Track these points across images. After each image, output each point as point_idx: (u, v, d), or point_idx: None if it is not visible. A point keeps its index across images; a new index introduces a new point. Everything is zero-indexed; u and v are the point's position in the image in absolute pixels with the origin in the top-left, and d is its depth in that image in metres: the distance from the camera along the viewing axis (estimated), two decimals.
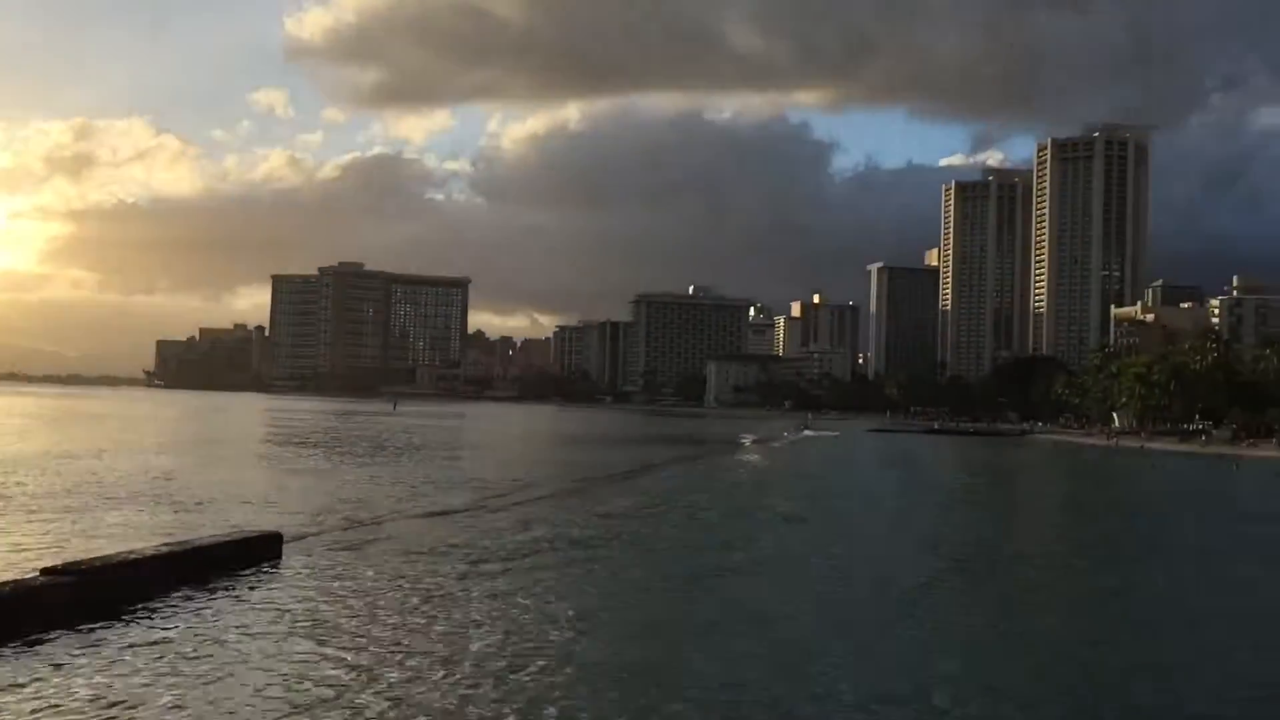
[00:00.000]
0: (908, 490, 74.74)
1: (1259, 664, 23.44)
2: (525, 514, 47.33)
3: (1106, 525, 56.66)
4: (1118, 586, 34.20)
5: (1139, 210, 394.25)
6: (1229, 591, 34.06)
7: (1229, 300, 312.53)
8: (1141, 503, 73.64)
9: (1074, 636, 26.33)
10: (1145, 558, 42.31)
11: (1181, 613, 30.21)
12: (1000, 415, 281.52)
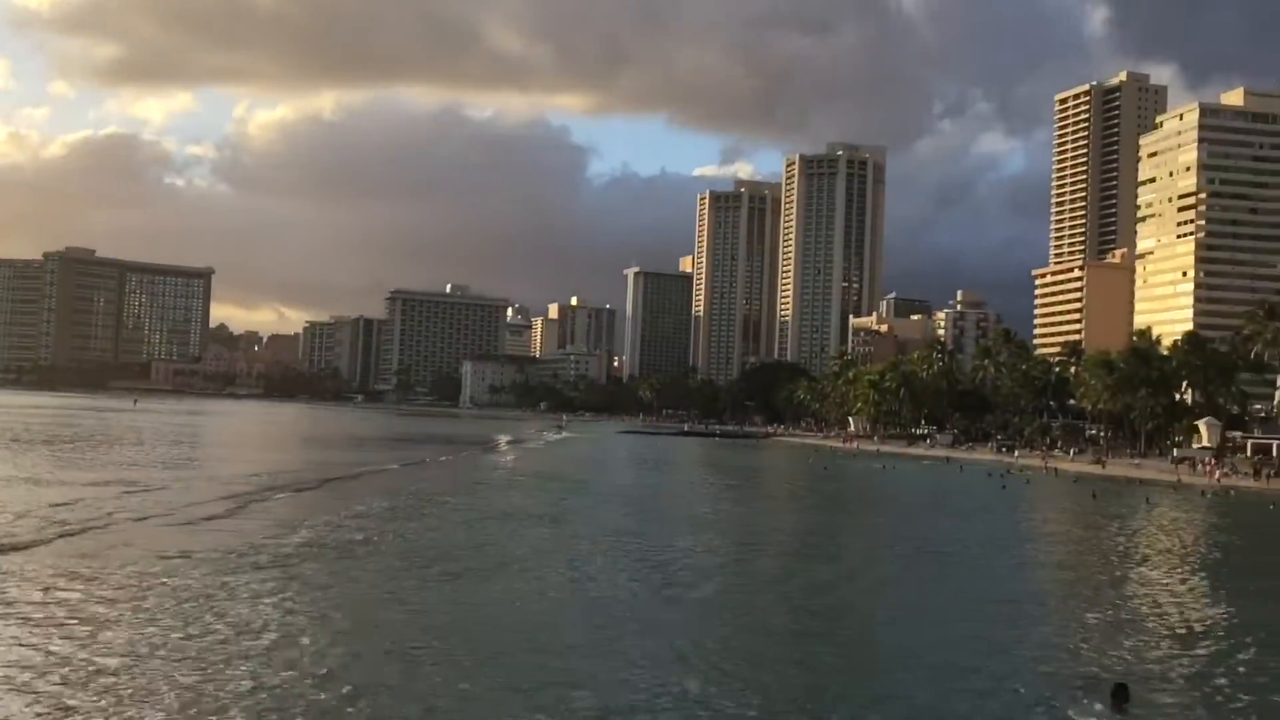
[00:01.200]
0: (656, 490, 76.55)
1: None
2: (278, 517, 45.64)
3: (833, 520, 59.95)
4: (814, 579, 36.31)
5: (876, 226, 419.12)
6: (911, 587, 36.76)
7: (953, 313, 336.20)
8: (873, 500, 78.17)
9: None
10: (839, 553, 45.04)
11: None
12: (747, 418, 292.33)
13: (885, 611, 31.65)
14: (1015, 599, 34.20)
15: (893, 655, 25.47)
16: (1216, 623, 31.32)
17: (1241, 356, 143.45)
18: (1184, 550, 51.38)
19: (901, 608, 32.18)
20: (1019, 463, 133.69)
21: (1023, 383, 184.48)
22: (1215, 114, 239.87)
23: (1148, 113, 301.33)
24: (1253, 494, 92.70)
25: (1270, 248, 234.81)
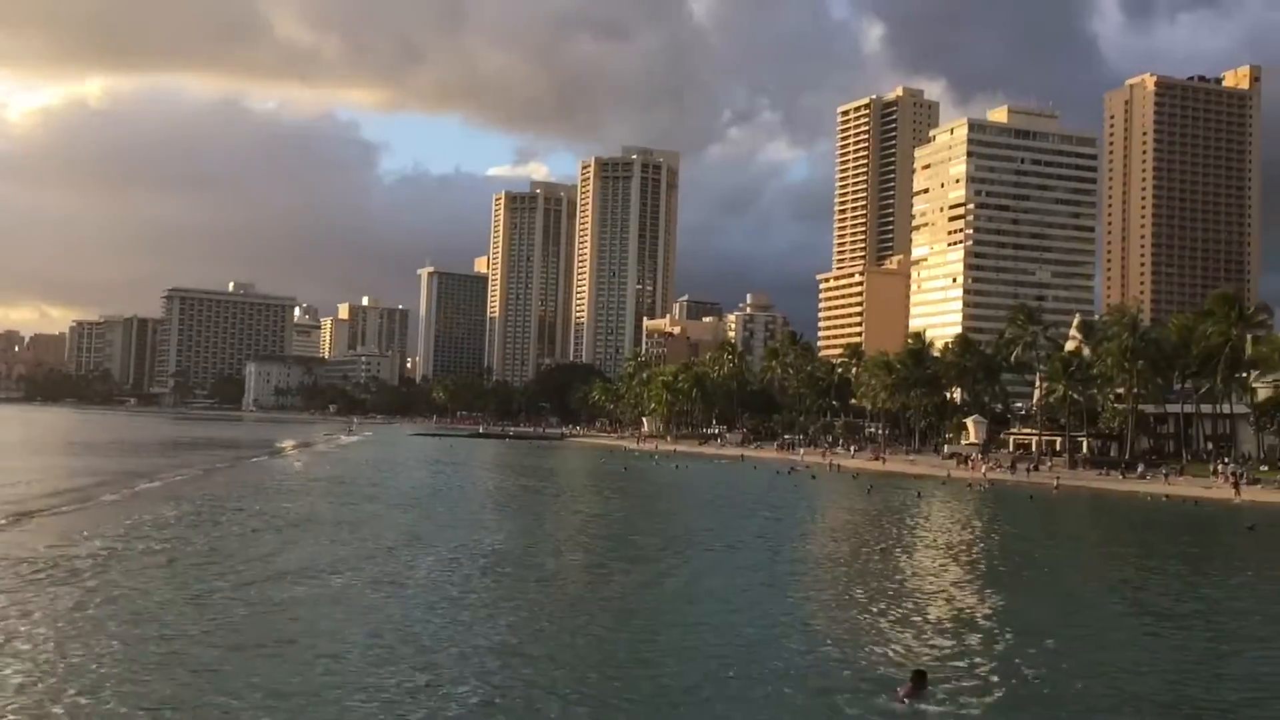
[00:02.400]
0: (448, 493, 75.39)
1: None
2: (55, 526, 42.58)
3: (629, 520, 60.54)
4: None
5: (669, 230, 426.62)
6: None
7: (743, 316, 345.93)
8: (671, 498, 79.29)
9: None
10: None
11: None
12: (542, 420, 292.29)
13: (688, 608, 32.05)
14: (804, 593, 35.29)
15: (691, 655, 25.76)
16: (984, 611, 33.10)
17: (1004, 358, 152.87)
18: (953, 542, 54.25)
19: (702, 604, 32.65)
20: (805, 460, 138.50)
21: (808, 383, 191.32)
22: (982, 129, 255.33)
23: (922, 126, 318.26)
24: (1012, 487, 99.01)
25: (1030, 256, 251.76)
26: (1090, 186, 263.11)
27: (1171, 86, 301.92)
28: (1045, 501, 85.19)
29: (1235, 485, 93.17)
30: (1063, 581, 40.96)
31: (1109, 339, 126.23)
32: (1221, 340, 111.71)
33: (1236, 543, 58.21)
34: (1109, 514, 76.19)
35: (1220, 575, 44.06)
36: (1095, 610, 33.95)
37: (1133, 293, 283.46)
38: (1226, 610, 34.77)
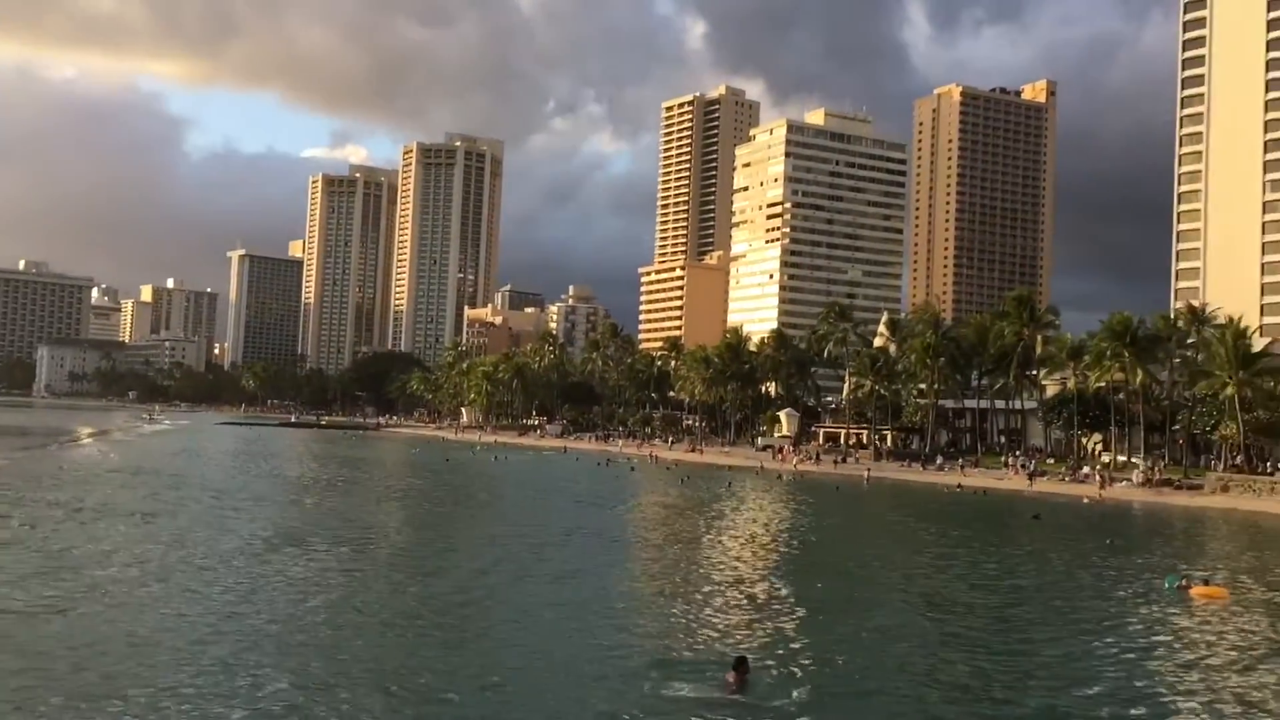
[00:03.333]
0: (251, 483, 72.60)
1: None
2: None
3: (446, 514, 59.62)
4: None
5: (493, 219, 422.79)
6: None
7: (565, 307, 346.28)
8: (491, 491, 78.37)
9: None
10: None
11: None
12: (358, 409, 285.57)
13: (508, 600, 31.59)
14: (624, 583, 35.36)
15: (515, 647, 25.37)
16: (795, 598, 33.84)
17: (817, 353, 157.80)
18: (763, 531, 55.50)
19: (523, 596, 32.25)
20: (624, 451, 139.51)
21: (628, 375, 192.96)
22: (800, 131, 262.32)
23: (743, 125, 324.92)
24: (821, 478, 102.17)
25: (843, 256, 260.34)
26: (900, 190, 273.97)
27: (976, 97, 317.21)
28: (852, 492, 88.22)
29: (1030, 477, 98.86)
30: (866, 568, 42.36)
31: (913, 337, 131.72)
32: (1015, 339, 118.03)
33: (1022, 532, 61.46)
34: (909, 504, 79.41)
35: (1008, 561, 46.33)
36: (894, 594, 35.21)
37: (937, 293, 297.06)
38: (1013, 594, 36.56)
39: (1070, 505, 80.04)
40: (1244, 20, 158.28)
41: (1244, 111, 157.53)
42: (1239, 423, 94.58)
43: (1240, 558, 51.15)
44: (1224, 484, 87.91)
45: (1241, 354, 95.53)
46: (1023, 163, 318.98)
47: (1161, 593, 36.74)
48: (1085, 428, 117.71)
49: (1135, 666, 25.33)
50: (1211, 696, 22.92)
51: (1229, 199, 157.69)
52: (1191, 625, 31.42)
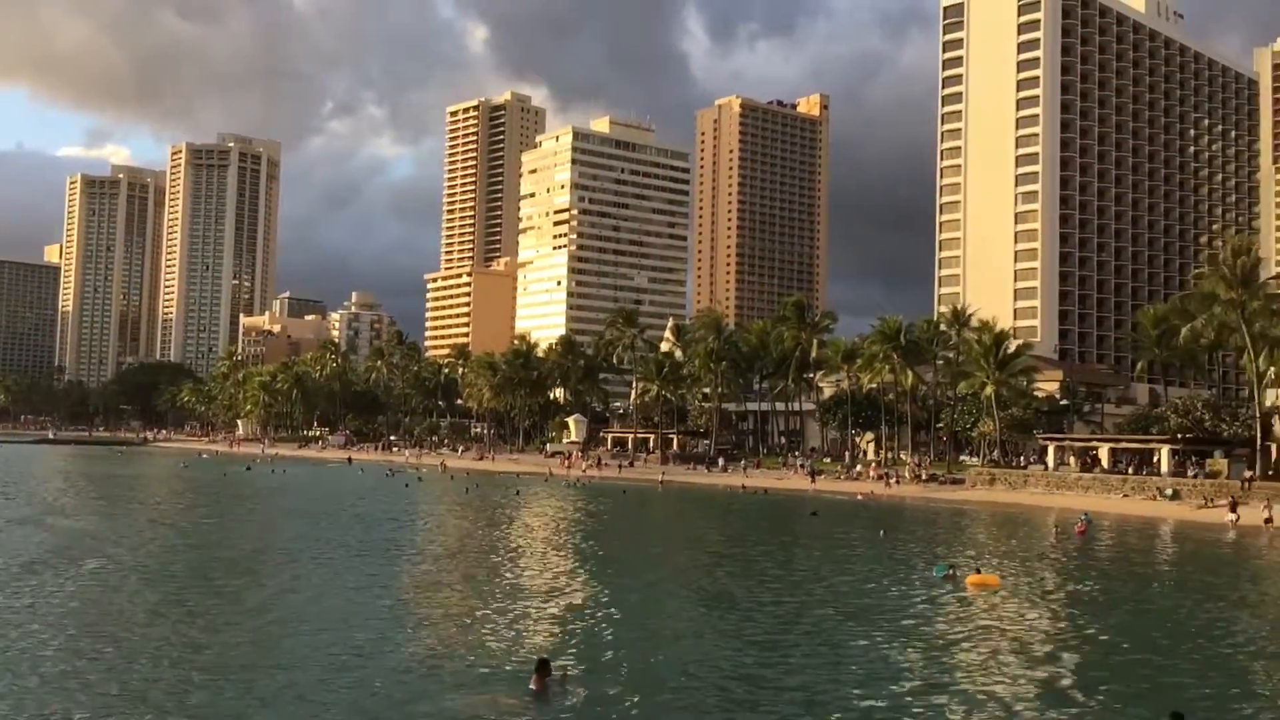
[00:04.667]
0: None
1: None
2: None
3: (224, 529, 56.53)
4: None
5: (270, 223, 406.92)
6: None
7: (348, 314, 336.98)
8: (265, 506, 74.82)
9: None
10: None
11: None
12: (124, 423, 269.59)
13: (295, 614, 29.90)
14: (416, 592, 34.18)
15: (310, 659, 23.95)
16: (589, 601, 33.59)
17: (604, 359, 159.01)
18: (551, 536, 55.14)
19: (312, 609, 30.62)
20: (411, 461, 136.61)
21: (414, 383, 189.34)
22: (586, 138, 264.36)
23: (529, 131, 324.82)
24: (610, 482, 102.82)
25: (630, 262, 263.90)
26: (684, 198, 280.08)
27: (755, 109, 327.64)
28: (640, 495, 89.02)
29: (811, 475, 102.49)
30: (655, 569, 42.57)
31: (697, 342, 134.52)
32: (793, 344, 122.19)
33: (802, 528, 63.42)
34: (696, 505, 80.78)
35: (790, 557, 47.59)
36: (683, 591, 35.46)
37: (720, 298, 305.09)
38: (792, 587, 37.45)
39: (847, 502, 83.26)
40: (997, 43, 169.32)
41: (997, 127, 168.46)
42: (995, 419, 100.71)
43: (1003, 546, 54.22)
44: (984, 478, 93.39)
45: (997, 355, 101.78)
46: (799, 173, 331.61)
47: (932, 581, 38.41)
48: (859, 427, 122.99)
49: (912, 652, 26.22)
50: (984, 677, 23.91)
51: (985, 209, 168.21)
52: (966, 611, 32.91)
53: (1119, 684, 23.79)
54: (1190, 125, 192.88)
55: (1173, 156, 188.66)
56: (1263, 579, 45.70)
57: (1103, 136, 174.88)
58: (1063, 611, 34.24)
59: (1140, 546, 57.45)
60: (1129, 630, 31.02)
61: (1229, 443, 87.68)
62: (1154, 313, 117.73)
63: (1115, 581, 42.43)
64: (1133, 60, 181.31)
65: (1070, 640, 29.29)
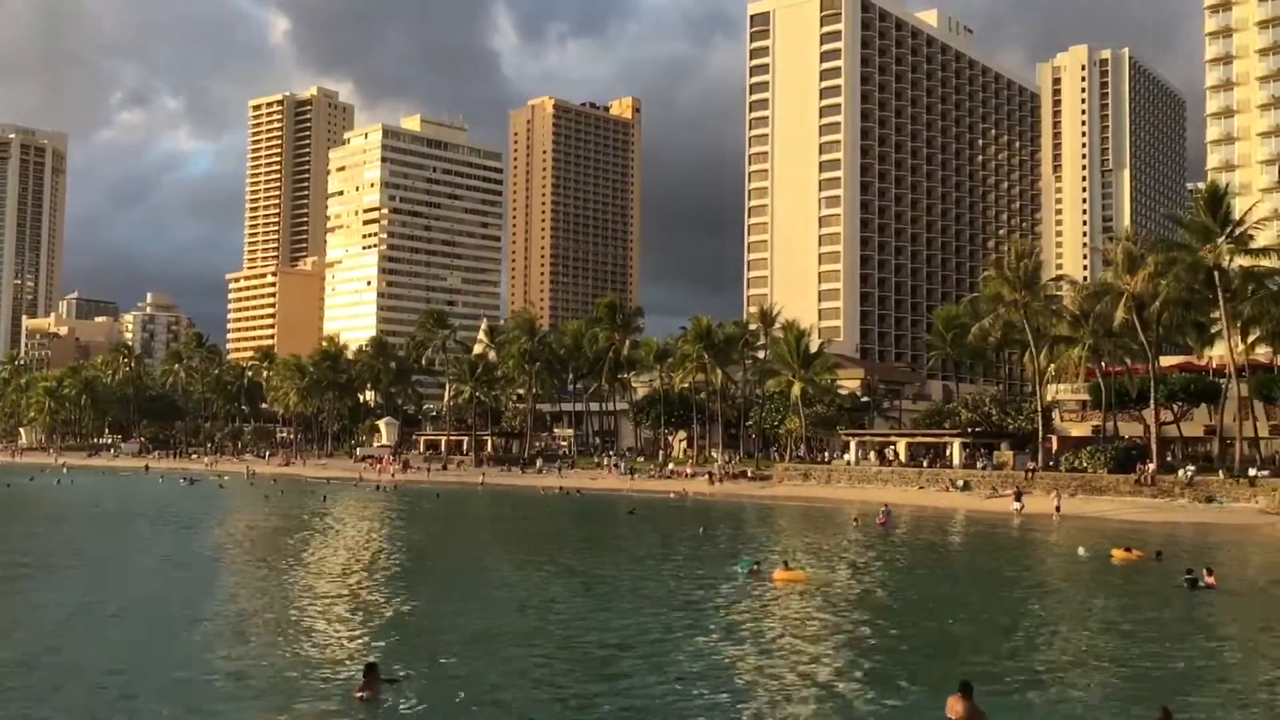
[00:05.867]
0: None
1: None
2: None
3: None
4: None
5: (55, 219, 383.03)
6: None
7: (142, 316, 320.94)
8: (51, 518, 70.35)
9: None
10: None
11: None
12: None
13: (89, 626, 28.07)
14: (227, 605, 32.67)
15: (123, 672, 22.48)
16: (404, 604, 32.89)
17: (416, 360, 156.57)
18: (365, 542, 53.82)
19: (113, 621, 28.80)
20: (212, 468, 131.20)
21: (215, 387, 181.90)
22: (396, 136, 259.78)
23: (337, 128, 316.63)
24: (423, 485, 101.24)
25: (442, 262, 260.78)
26: (497, 198, 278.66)
27: (568, 110, 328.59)
28: (454, 498, 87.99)
29: (629, 473, 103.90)
30: (470, 573, 42.08)
31: (512, 343, 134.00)
32: (607, 344, 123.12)
33: (619, 527, 63.95)
34: (511, 507, 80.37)
35: (606, 556, 47.87)
36: (501, 594, 35.16)
37: (534, 299, 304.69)
38: (607, 586, 37.71)
39: (662, 500, 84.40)
40: (801, 52, 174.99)
41: (802, 133, 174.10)
42: (801, 417, 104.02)
43: (809, 540, 56.01)
44: (790, 474, 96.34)
45: (803, 354, 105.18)
46: (612, 175, 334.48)
47: (739, 576, 39.30)
48: (671, 426, 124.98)
49: (722, 646, 26.72)
50: (787, 670, 24.59)
51: (791, 213, 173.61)
52: (772, 605, 33.77)
53: (918, 665, 24.88)
54: (979, 135, 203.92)
55: (963, 165, 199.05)
56: (1041, 562, 48.71)
57: (900, 145, 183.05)
58: (863, 601, 35.59)
59: (935, 536, 60.33)
60: (923, 613, 32.55)
61: (1014, 436, 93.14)
62: (946, 313, 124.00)
63: (912, 570, 44.48)
64: (926, 72, 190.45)
65: (871, 628, 30.46)
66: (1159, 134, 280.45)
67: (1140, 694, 22.11)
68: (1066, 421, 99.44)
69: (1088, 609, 34.58)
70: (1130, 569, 42.96)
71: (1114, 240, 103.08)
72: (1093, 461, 79.79)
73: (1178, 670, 24.91)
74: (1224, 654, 27.34)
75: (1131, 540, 49.93)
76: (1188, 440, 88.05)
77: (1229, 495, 68.47)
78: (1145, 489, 72.77)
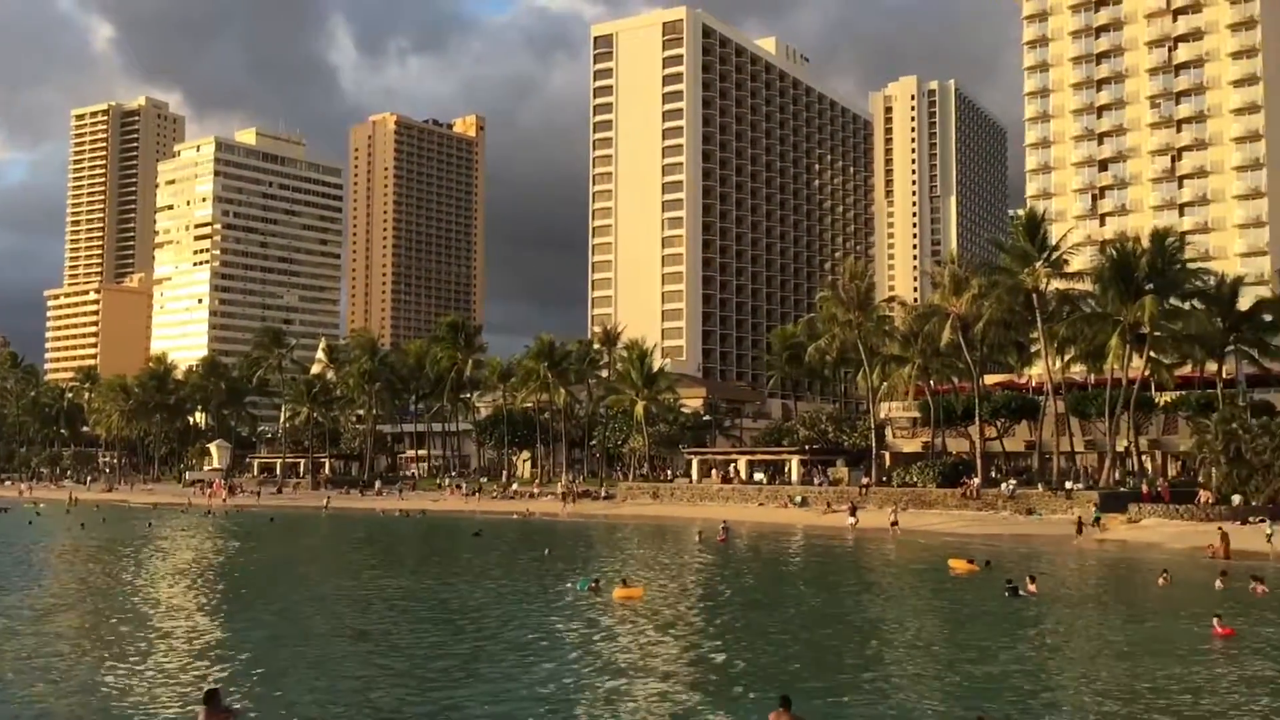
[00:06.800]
0: None
1: None
2: None
3: None
4: None
5: None
6: None
7: None
8: None
9: None
10: None
11: None
12: None
13: None
14: (36, 644, 30.74)
15: None
16: (233, 633, 31.63)
17: (251, 380, 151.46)
18: (191, 571, 51.61)
19: None
20: (33, 495, 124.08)
21: (31, 410, 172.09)
22: (230, 149, 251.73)
23: (166, 140, 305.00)
24: (257, 510, 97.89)
25: (279, 280, 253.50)
26: (337, 215, 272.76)
27: (410, 127, 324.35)
28: (291, 523, 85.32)
29: (475, 494, 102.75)
30: (304, 599, 40.77)
31: (351, 362, 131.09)
32: (450, 363, 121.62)
33: (463, 549, 63.05)
34: (351, 531, 78.43)
35: (449, 578, 47.08)
36: (333, 622, 34.20)
37: (375, 318, 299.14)
38: (447, 609, 37.14)
39: (506, 521, 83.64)
40: (644, 75, 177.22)
41: (645, 154, 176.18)
42: (645, 436, 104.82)
43: (652, 557, 56.36)
44: (634, 493, 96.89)
45: (646, 373, 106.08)
46: (456, 193, 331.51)
47: (577, 594, 39.23)
48: (515, 446, 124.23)
49: (559, 665, 26.58)
50: (621, 685, 24.63)
51: (635, 233, 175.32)
52: (609, 622, 33.82)
53: (750, 678, 25.23)
54: (816, 160, 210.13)
55: (801, 189, 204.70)
56: (877, 574, 50.20)
57: (740, 168, 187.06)
58: (698, 614, 36.06)
59: (773, 551, 61.52)
60: (757, 626, 33.12)
61: (849, 452, 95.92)
62: (784, 333, 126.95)
63: (750, 584, 45.24)
64: (766, 98, 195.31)
65: (706, 641, 30.82)
66: (983, 162, 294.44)
67: (962, 696, 22.95)
68: (898, 438, 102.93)
69: (919, 618, 35.76)
70: (965, 579, 44.66)
71: (941, 264, 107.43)
72: (922, 476, 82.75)
73: (995, 673, 26.00)
74: (1038, 657, 28.68)
75: (959, 551, 51.93)
76: (1010, 455, 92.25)
77: (1047, 507, 71.94)
78: (971, 502, 75.85)
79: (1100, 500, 69.67)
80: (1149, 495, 69.69)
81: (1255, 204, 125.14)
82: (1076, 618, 35.48)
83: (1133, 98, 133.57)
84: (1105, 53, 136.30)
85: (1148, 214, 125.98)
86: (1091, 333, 78.23)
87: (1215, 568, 44.21)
